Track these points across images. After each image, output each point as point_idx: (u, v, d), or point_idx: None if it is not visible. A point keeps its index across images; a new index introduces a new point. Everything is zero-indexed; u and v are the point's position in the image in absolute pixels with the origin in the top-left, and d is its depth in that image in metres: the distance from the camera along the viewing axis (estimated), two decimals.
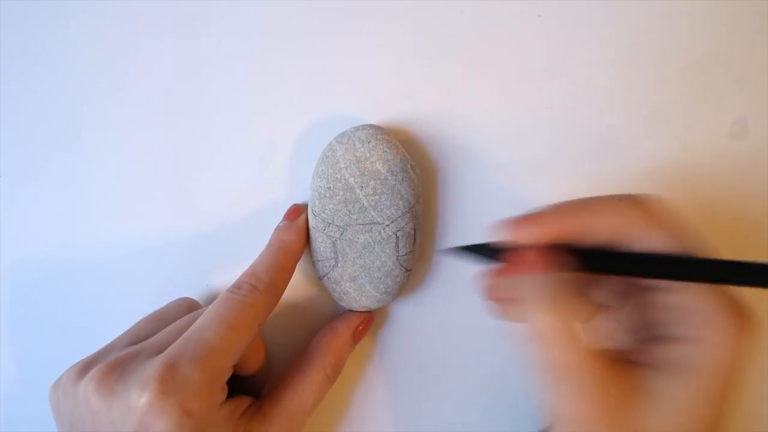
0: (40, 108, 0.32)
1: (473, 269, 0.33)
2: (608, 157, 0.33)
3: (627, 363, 0.22)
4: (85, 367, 0.26)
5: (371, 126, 0.30)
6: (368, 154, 0.29)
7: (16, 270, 0.33)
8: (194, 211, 0.33)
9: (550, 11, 0.31)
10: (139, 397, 0.23)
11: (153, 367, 0.24)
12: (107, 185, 0.33)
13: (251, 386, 0.30)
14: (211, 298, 0.31)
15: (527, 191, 0.33)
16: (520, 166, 0.32)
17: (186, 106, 0.32)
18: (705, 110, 0.32)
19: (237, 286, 0.28)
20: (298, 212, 0.31)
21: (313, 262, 0.32)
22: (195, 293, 0.33)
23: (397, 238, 0.30)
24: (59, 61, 0.32)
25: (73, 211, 0.33)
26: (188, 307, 0.31)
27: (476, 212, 0.33)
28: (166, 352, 0.25)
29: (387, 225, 0.30)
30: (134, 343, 0.27)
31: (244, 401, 0.28)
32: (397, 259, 0.30)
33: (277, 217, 0.31)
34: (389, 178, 0.30)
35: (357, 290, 0.31)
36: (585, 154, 0.32)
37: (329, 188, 0.30)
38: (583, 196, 0.32)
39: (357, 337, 0.32)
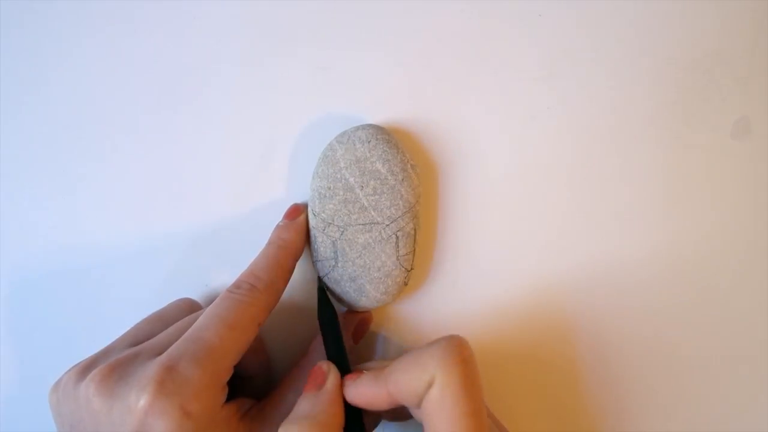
0: (40, 108, 0.32)
1: (474, 270, 0.33)
2: (608, 158, 0.32)
3: None
4: (86, 368, 0.26)
5: (371, 126, 0.30)
6: (368, 154, 0.29)
7: (16, 270, 0.34)
8: (194, 211, 0.33)
9: (551, 11, 0.31)
10: (139, 399, 0.23)
11: (153, 369, 0.24)
12: (107, 186, 0.33)
13: (253, 388, 0.30)
14: (211, 298, 0.31)
15: (527, 191, 0.33)
16: (520, 166, 0.32)
17: (186, 106, 0.32)
18: (706, 110, 0.32)
19: (236, 286, 0.28)
20: (298, 211, 0.31)
21: (313, 262, 0.32)
22: (195, 293, 0.33)
23: (397, 238, 0.30)
24: (59, 62, 0.32)
25: (73, 212, 0.33)
26: (188, 308, 0.31)
27: (476, 212, 0.33)
28: (166, 353, 0.25)
29: (387, 225, 0.30)
30: (134, 344, 0.27)
31: (246, 403, 0.28)
32: (397, 260, 0.30)
33: (277, 216, 0.31)
34: (389, 178, 0.30)
35: (357, 290, 0.31)
36: (585, 154, 0.32)
37: (329, 188, 0.30)
38: (577, 199, 0.32)
39: (357, 337, 0.32)
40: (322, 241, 0.30)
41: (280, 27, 0.31)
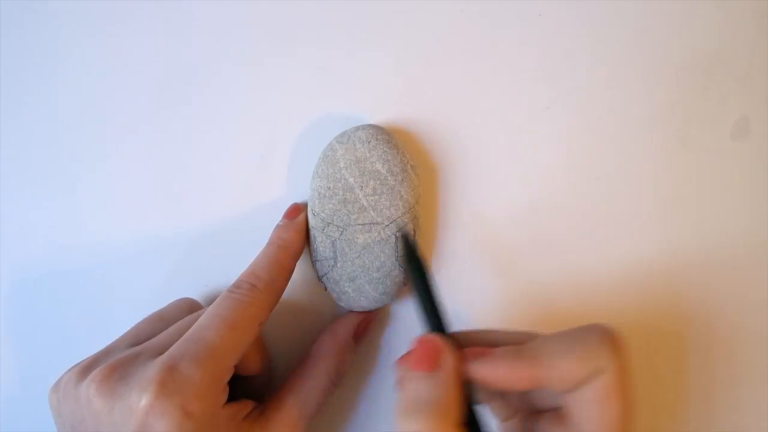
0: (40, 108, 0.32)
1: (474, 271, 0.33)
2: (608, 158, 0.32)
3: None
4: (86, 368, 0.26)
5: (371, 126, 0.30)
6: (368, 154, 0.29)
7: (16, 270, 0.34)
8: (194, 211, 0.33)
9: (551, 11, 0.31)
10: (139, 399, 0.23)
11: (154, 369, 0.24)
12: (107, 185, 0.33)
13: (254, 390, 0.30)
14: (211, 298, 0.31)
15: (527, 191, 0.33)
16: (520, 166, 0.32)
17: (186, 106, 0.32)
18: (706, 110, 0.32)
19: (237, 286, 0.28)
20: (297, 211, 0.31)
21: (312, 262, 0.32)
22: (195, 293, 0.33)
23: (396, 238, 0.30)
24: (59, 62, 0.32)
25: (73, 212, 0.33)
26: (188, 308, 0.31)
27: (476, 212, 0.33)
28: (167, 353, 0.25)
29: (386, 225, 0.30)
30: (135, 344, 0.27)
31: (247, 405, 0.28)
32: (397, 260, 0.30)
33: (277, 216, 0.31)
34: (389, 178, 0.30)
35: (356, 290, 0.31)
36: (585, 154, 0.32)
37: (329, 188, 0.30)
38: (576, 199, 0.32)
39: (358, 338, 0.32)
40: (321, 241, 0.30)
41: (280, 27, 0.31)
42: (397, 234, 0.28)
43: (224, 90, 0.32)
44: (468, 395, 0.23)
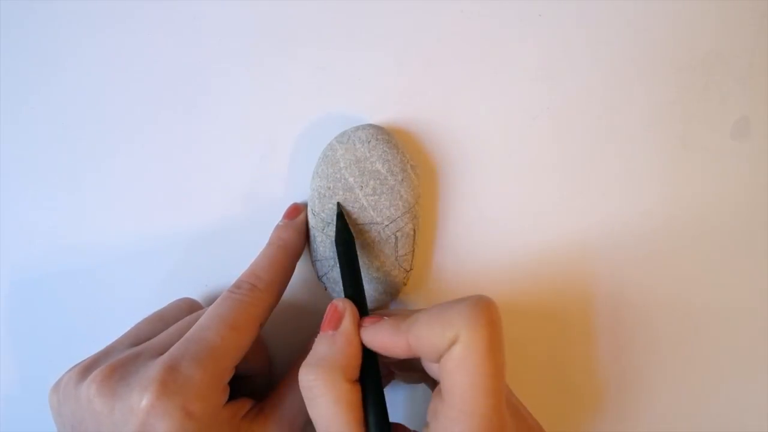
0: (39, 108, 0.32)
1: (474, 271, 0.33)
2: (609, 158, 0.32)
3: None
4: (87, 368, 0.26)
5: (371, 126, 0.30)
6: (368, 154, 0.29)
7: (16, 270, 0.34)
8: (194, 211, 0.33)
9: (551, 11, 0.31)
10: (141, 399, 0.23)
11: (154, 369, 0.24)
12: (107, 186, 0.33)
13: (253, 388, 0.30)
14: (211, 298, 0.31)
15: (527, 191, 0.33)
16: (520, 166, 0.32)
17: (186, 106, 0.32)
18: (706, 110, 0.32)
19: (237, 286, 0.28)
20: (297, 211, 0.31)
21: (312, 262, 0.32)
22: (195, 293, 0.33)
23: (396, 238, 0.30)
24: (58, 62, 0.32)
25: (73, 212, 0.33)
26: (189, 308, 0.31)
27: (476, 212, 0.33)
28: (167, 353, 0.25)
29: (386, 225, 0.30)
30: (135, 344, 0.27)
31: (246, 403, 0.28)
32: (396, 260, 0.30)
33: (277, 216, 0.31)
34: (389, 178, 0.30)
35: None
36: (585, 154, 0.32)
37: (329, 188, 0.30)
38: (577, 199, 0.32)
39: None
40: (321, 241, 0.30)
41: (281, 27, 0.31)
42: (325, 194, 0.30)
43: (224, 90, 0.32)
44: (369, 356, 0.25)
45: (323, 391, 0.23)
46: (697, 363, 0.34)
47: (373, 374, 0.25)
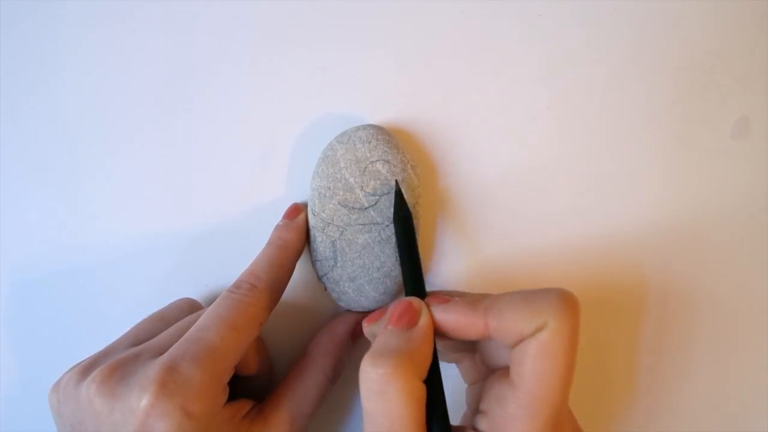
0: (40, 108, 0.32)
1: (474, 271, 0.33)
2: (608, 158, 0.32)
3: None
4: (87, 368, 0.26)
5: (372, 126, 0.30)
6: (368, 154, 0.29)
7: (16, 270, 0.34)
8: (194, 211, 0.33)
9: (551, 11, 0.31)
10: (140, 399, 0.23)
11: (154, 369, 0.24)
12: (107, 185, 0.33)
13: (253, 389, 0.30)
14: (211, 298, 0.31)
15: (527, 191, 0.33)
16: (520, 166, 0.32)
17: (186, 106, 0.32)
18: (706, 110, 0.32)
19: (237, 286, 0.28)
20: (297, 211, 0.31)
21: (312, 262, 0.32)
22: (195, 293, 0.33)
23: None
24: (58, 61, 0.32)
25: (73, 212, 0.33)
26: (189, 308, 0.31)
27: (476, 212, 0.33)
28: (167, 353, 0.25)
29: (387, 225, 0.30)
30: (135, 344, 0.27)
31: (246, 404, 0.28)
32: (397, 260, 0.30)
33: (277, 216, 0.31)
34: (389, 178, 0.30)
35: (356, 290, 0.31)
36: (585, 154, 0.32)
37: (329, 188, 0.30)
38: (577, 199, 0.32)
39: (355, 337, 0.32)
40: (321, 241, 0.30)
41: (281, 27, 0.31)
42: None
43: (224, 90, 0.32)
44: (435, 359, 0.24)
45: (397, 386, 0.22)
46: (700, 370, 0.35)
47: (437, 375, 0.24)
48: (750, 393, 0.35)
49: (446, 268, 0.33)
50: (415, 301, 0.25)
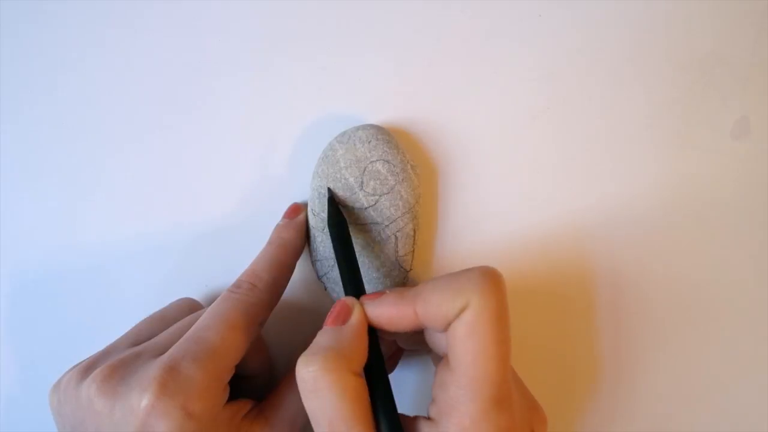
0: (40, 108, 0.32)
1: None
2: (608, 158, 0.32)
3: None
4: (87, 368, 0.26)
5: (372, 126, 0.30)
6: (368, 154, 0.29)
7: (16, 270, 0.34)
8: (194, 211, 0.33)
9: (551, 11, 0.31)
10: (141, 399, 0.23)
11: (155, 369, 0.24)
12: (107, 185, 0.33)
13: (254, 388, 0.30)
14: (212, 298, 0.31)
15: (527, 191, 0.33)
16: (520, 166, 0.32)
17: (186, 106, 0.32)
18: (706, 110, 0.32)
19: (237, 285, 0.28)
20: (297, 210, 0.31)
21: (312, 262, 0.32)
22: (195, 293, 0.33)
23: (396, 238, 0.30)
24: (59, 61, 0.32)
25: (73, 212, 0.33)
26: (189, 308, 0.31)
27: (476, 212, 0.33)
28: (167, 353, 0.25)
29: (386, 225, 0.30)
30: (136, 344, 0.27)
31: (246, 404, 0.28)
32: (396, 260, 0.30)
33: (277, 216, 0.31)
34: (389, 178, 0.30)
35: None
36: (585, 154, 0.32)
37: (329, 188, 0.30)
38: (577, 199, 0.32)
39: None
40: (321, 241, 0.30)
41: (281, 28, 0.31)
42: (325, 194, 0.30)
43: (225, 90, 0.32)
44: (373, 348, 0.25)
45: (328, 383, 0.22)
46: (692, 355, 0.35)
47: (379, 366, 0.25)
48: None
49: (446, 268, 0.33)
50: (348, 299, 0.26)
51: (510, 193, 0.32)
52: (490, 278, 0.23)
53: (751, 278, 0.34)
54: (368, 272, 0.30)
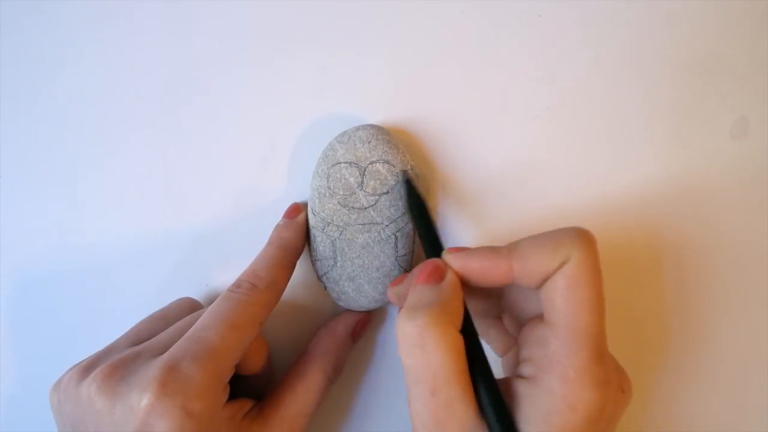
0: (41, 108, 0.32)
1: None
2: (608, 158, 0.33)
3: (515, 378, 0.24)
4: (87, 367, 0.26)
5: (372, 126, 0.30)
6: (368, 154, 0.29)
7: (16, 270, 0.34)
8: (194, 211, 0.33)
9: (551, 11, 0.31)
10: (141, 398, 0.23)
11: (155, 368, 0.24)
12: (107, 186, 0.33)
13: (254, 388, 0.30)
14: (212, 298, 0.31)
15: (527, 191, 0.33)
16: (520, 166, 0.32)
17: (186, 106, 0.32)
18: (706, 110, 0.32)
19: (237, 285, 0.28)
20: (297, 210, 0.31)
21: (312, 262, 0.32)
22: (195, 293, 0.33)
23: (396, 238, 0.30)
24: (59, 61, 0.32)
25: (73, 211, 0.33)
26: (189, 307, 0.31)
27: (476, 212, 0.33)
28: (167, 352, 0.25)
29: (386, 225, 0.30)
30: (136, 343, 0.28)
31: (246, 404, 0.28)
32: (396, 260, 0.30)
33: (277, 216, 0.31)
34: (389, 178, 0.30)
35: (355, 290, 0.31)
36: (585, 154, 0.32)
37: (329, 188, 0.30)
38: (576, 200, 0.32)
39: (355, 336, 0.32)
40: (321, 241, 0.30)
41: (281, 27, 0.31)
42: (402, 177, 0.29)
43: (225, 90, 0.32)
44: (467, 312, 0.24)
45: (435, 337, 0.22)
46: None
47: (471, 326, 0.24)
48: None
49: None
50: (438, 260, 0.25)
51: (510, 193, 0.33)
52: (587, 236, 0.23)
53: (750, 278, 0.34)
54: (368, 272, 0.30)
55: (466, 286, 0.25)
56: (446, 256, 0.25)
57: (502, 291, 0.28)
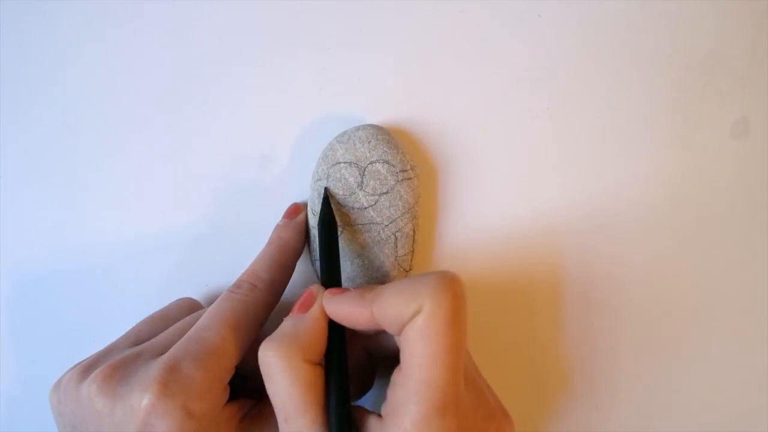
0: (40, 108, 0.32)
1: (473, 271, 0.34)
2: (608, 158, 0.33)
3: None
4: (87, 368, 0.26)
5: (372, 126, 0.30)
6: (368, 154, 0.29)
7: (16, 270, 0.34)
8: (194, 211, 0.33)
9: (551, 11, 0.31)
10: (141, 399, 0.23)
11: (155, 369, 0.24)
12: (107, 186, 0.33)
13: (253, 387, 0.30)
14: (212, 298, 0.31)
15: (527, 191, 0.33)
16: (520, 166, 0.32)
17: (186, 106, 0.32)
18: (706, 110, 0.32)
19: (237, 286, 0.28)
20: (297, 211, 0.31)
21: (312, 262, 0.32)
22: (195, 293, 0.33)
23: (396, 238, 0.30)
24: (59, 61, 0.32)
25: (73, 211, 0.33)
26: (189, 308, 0.31)
27: (476, 212, 0.33)
28: (168, 353, 0.25)
29: (386, 225, 0.30)
30: (136, 343, 0.27)
31: (246, 403, 0.28)
32: (396, 260, 0.30)
33: (277, 216, 0.31)
34: (389, 178, 0.30)
35: None
36: (585, 154, 0.32)
37: (329, 188, 0.30)
38: (576, 200, 0.32)
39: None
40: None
41: (282, 28, 0.31)
42: (324, 192, 0.30)
43: (225, 90, 0.32)
44: (337, 341, 0.25)
45: (280, 369, 0.23)
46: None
47: (339, 358, 0.25)
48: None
49: (445, 268, 0.33)
50: (315, 288, 0.26)
51: (510, 193, 0.33)
52: (445, 283, 0.23)
53: (750, 278, 0.34)
54: (368, 272, 0.30)
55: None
56: (324, 299, 0.26)
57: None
